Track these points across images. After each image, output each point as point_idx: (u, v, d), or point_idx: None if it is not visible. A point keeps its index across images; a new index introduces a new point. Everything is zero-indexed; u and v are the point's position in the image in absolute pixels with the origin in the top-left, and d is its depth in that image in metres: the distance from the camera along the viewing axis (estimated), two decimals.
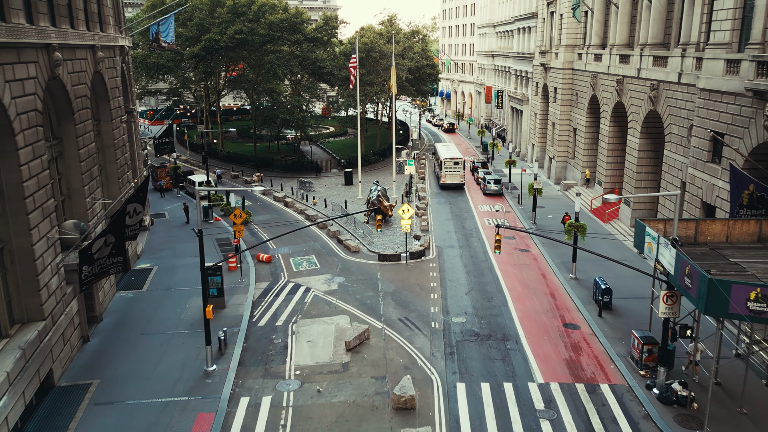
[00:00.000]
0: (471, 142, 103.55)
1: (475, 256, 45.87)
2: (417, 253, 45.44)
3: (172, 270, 44.15)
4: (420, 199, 63.01)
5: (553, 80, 70.49)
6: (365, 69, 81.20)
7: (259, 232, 53.94)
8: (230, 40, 75.64)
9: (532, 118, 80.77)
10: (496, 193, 65.21)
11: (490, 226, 53.92)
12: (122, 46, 46.85)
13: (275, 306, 37.75)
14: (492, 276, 41.84)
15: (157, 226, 56.21)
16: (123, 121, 45.15)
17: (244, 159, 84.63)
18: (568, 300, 37.90)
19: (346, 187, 70.66)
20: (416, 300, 37.77)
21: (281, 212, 60.31)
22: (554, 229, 51.94)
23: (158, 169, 70.64)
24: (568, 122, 67.99)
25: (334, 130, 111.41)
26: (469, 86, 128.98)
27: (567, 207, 59.47)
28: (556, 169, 69.70)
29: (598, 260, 43.42)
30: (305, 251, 47.89)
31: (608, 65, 55.73)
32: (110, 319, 35.79)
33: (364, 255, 46.56)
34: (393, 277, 41.76)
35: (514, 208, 59.96)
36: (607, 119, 56.30)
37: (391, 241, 49.74)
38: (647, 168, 49.53)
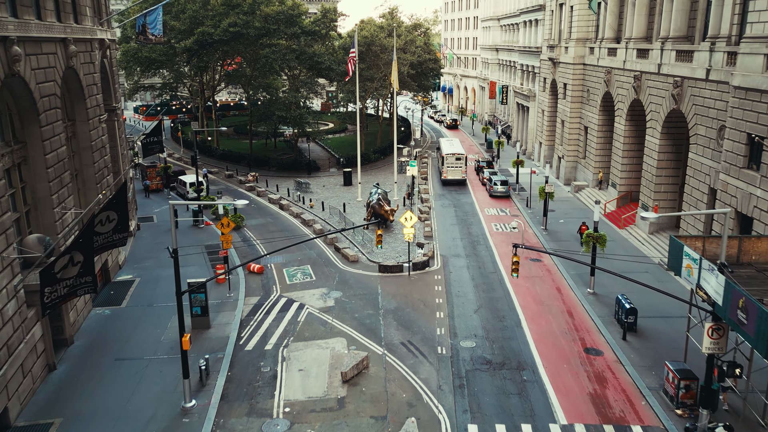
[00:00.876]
0: (475, 139, 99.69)
1: (483, 267, 42.20)
2: (420, 263, 41.76)
3: (155, 282, 40.52)
4: (423, 202, 59.31)
5: (562, 76, 66.64)
6: (365, 64, 77.34)
7: (251, 238, 50.26)
8: (224, 33, 71.79)
9: (539, 115, 76.95)
10: (502, 195, 61.48)
11: (498, 232, 50.22)
12: (102, 40, 43.05)
13: (265, 325, 34.12)
14: (502, 291, 38.18)
15: (144, 231, 52.56)
16: (102, 121, 41.41)
17: (239, 157, 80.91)
18: (587, 319, 34.24)
19: (345, 187, 66.95)
20: (420, 319, 34.11)
21: (276, 216, 56.61)
22: (567, 237, 48.24)
23: (148, 168, 66.95)
24: (579, 120, 64.19)
25: (334, 127, 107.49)
26: (472, 81, 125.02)
27: (579, 210, 55.76)
28: (565, 169, 65.94)
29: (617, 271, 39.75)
30: (300, 260, 44.24)
31: (624, 60, 51.89)
32: (82, 341, 32.18)
33: (363, 265, 42.91)
34: (395, 291, 38.10)
35: (523, 211, 56.24)
36: (622, 118, 52.51)
37: (392, 249, 46.08)
38: (668, 171, 45.80)
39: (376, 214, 50.84)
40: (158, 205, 61.45)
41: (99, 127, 40.59)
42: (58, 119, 32.31)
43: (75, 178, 38.31)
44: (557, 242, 47.03)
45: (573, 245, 45.90)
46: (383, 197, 51.22)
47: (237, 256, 45.56)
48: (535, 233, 49.70)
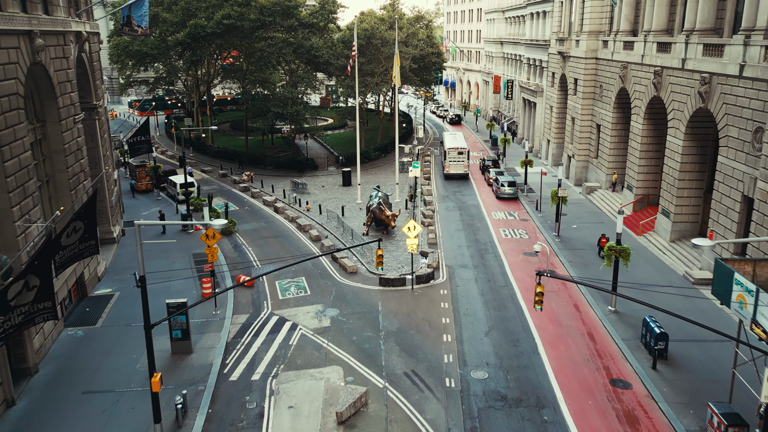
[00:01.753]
0: (479, 135, 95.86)
1: (492, 280, 38.60)
2: (425, 276, 38.17)
3: (136, 297, 36.65)
4: (426, 204, 55.67)
5: (572, 70, 62.86)
6: (365, 57, 73.51)
7: (243, 244, 46.68)
8: (218, 25, 68.03)
9: (547, 112, 73.19)
10: (510, 197, 57.82)
11: (507, 239, 46.61)
12: (78, 32, 39.37)
13: (253, 350, 30.59)
14: (515, 308, 34.59)
15: (128, 237, 48.96)
16: (78, 121, 37.76)
17: (235, 155, 77.22)
18: (610, 343, 30.66)
19: (344, 188, 63.30)
20: (425, 343, 30.55)
21: (270, 220, 53.01)
22: (582, 245, 44.62)
23: (137, 168, 63.32)
24: (591, 118, 60.45)
25: (333, 122, 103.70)
26: (475, 75, 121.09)
27: (592, 214, 52.11)
28: (576, 169, 62.25)
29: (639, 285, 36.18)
30: (294, 271, 40.66)
31: (642, 54, 48.11)
32: (49, 369, 28.68)
33: (362, 277, 39.34)
34: (397, 309, 34.52)
35: (533, 215, 52.59)
36: (640, 116, 48.78)
37: (394, 258, 42.50)
38: (692, 174, 42.12)
39: (377, 220, 47.27)
40: (147, 207, 57.85)
41: (74, 128, 36.95)
42: (20, 121, 28.70)
43: (45, 186, 34.74)
44: (571, 251, 43.42)
45: (590, 255, 42.29)
46: (384, 201, 47.62)
47: (227, 266, 41.99)
48: (547, 240, 46.08)
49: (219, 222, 22.50)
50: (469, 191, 61.91)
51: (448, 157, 66.36)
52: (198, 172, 72.00)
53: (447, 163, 66.50)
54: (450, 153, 66.33)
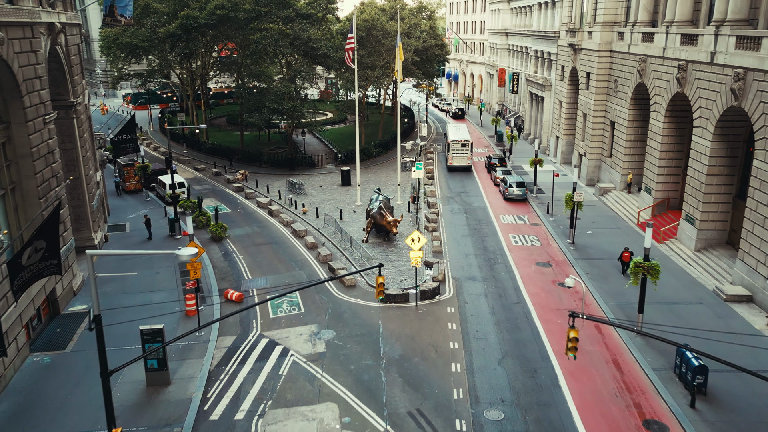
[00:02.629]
0: (483, 130, 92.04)
1: (504, 296, 35.05)
2: (430, 291, 34.63)
3: (114, 315, 33.32)
4: (430, 207, 52.08)
5: (584, 64, 59.06)
6: (365, 50, 69.67)
7: (233, 252, 43.15)
8: (210, 16, 64.40)
9: (556, 107, 69.41)
10: (519, 198, 54.20)
11: (517, 247, 43.03)
12: (51, 24, 35.65)
13: (239, 380, 27.13)
14: (530, 330, 31.06)
15: (112, 243, 45.47)
16: (49, 121, 34.12)
17: (230, 152, 73.56)
18: (639, 374, 27.14)
19: (343, 188, 59.68)
20: (432, 374, 27.04)
21: (264, 224, 49.43)
22: (599, 254, 41.03)
23: (125, 167, 59.73)
24: (604, 114, 56.72)
25: (332, 117, 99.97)
26: (479, 68, 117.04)
27: (607, 218, 48.50)
28: (588, 169, 58.56)
29: (664, 301, 32.69)
30: (287, 285, 37.15)
31: (664, 47, 44.34)
32: (7, 405, 25.28)
33: (361, 292, 35.82)
34: (399, 330, 31.00)
35: (544, 219, 48.98)
36: (660, 114, 45.08)
37: (395, 268, 38.97)
38: (720, 179, 38.46)
39: (377, 226, 43.72)
40: (134, 210, 54.30)
41: (43, 130, 33.30)
42: None
43: (10, 194, 31.15)
44: (588, 260, 39.85)
45: (608, 266, 38.72)
46: (385, 205, 44.03)
47: (214, 278, 38.50)
48: (560, 248, 42.51)
49: (187, 252, 18.90)
50: (475, 191, 58.27)
51: (451, 150, 65.66)
52: (191, 171, 68.45)
53: (450, 156, 65.84)
54: (453, 145, 65.51)
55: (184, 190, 55.62)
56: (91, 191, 43.48)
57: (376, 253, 41.49)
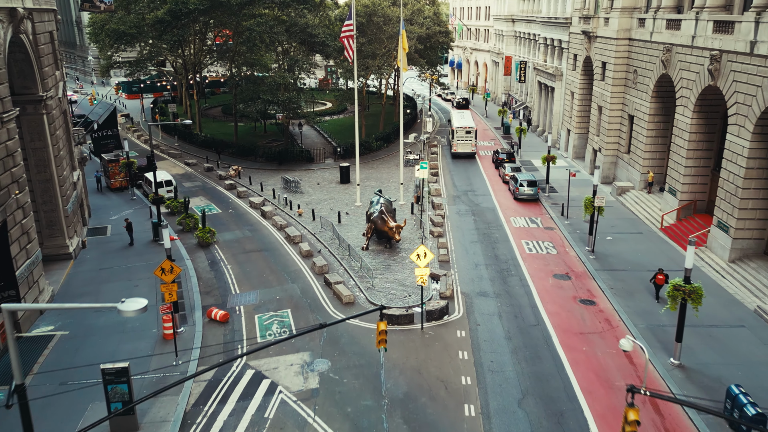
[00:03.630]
0: (488, 122, 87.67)
1: (520, 315, 31.11)
2: (437, 311, 30.69)
3: (84, 338, 29.64)
4: (435, 208, 48.05)
5: (600, 53, 54.71)
6: (366, 38, 65.24)
7: (221, 260, 39.22)
8: (200, 1, 59.91)
9: (568, 98, 65.11)
10: (530, 198, 50.14)
11: (531, 255, 39.05)
12: (12, 9, 31.51)
13: (218, 425, 23.31)
14: (552, 359, 27.13)
15: (90, 249, 41.53)
16: (8, 120, 30.02)
17: (223, 145, 69.39)
18: (682, 418, 23.24)
19: (342, 186, 55.58)
20: (442, 420, 23.13)
21: (256, 227, 45.45)
22: (622, 264, 37.04)
23: (110, 164, 55.65)
24: (621, 107, 52.48)
25: (332, 107, 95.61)
26: (484, 55, 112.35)
27: (627, 221, 44.46)
28: (603, 165, 54.40)
29: (701, 323, 28.75)
30: (278, 301, 33.26)
31: (693, 35, 40.06)
32: None
33: (360, 310, 31.87)
34: (403, 361, 27.10)
35: (558, 223, 44.95)
36: (688, 109, 40.90)
37: (398, 281, 35.03)
38: (759, 182, 34.36)
39: (378, 232, 39.73)
40: (118, 210, 50.31)
41: (0, 130, 29.25)
42: None
43: None
44: (610, 272, 35.88)
45: (633, 280, 34.74)
46: (387, 209, 40.00)
47: (198, 291, 34.58)
48: (579, 257, 38.53)
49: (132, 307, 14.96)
50: (483, 190, 54.18)
51: (456, 137, 65.01)
52: (181, 166, 64.36)
53: (455, 143, 65.19)
54: (458, 132, 64.90)
55: (171, 189, 51.60)
56: (65, 194, 39.49)
57: (376, 263, 37.54)
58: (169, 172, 61.53)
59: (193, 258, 39.79)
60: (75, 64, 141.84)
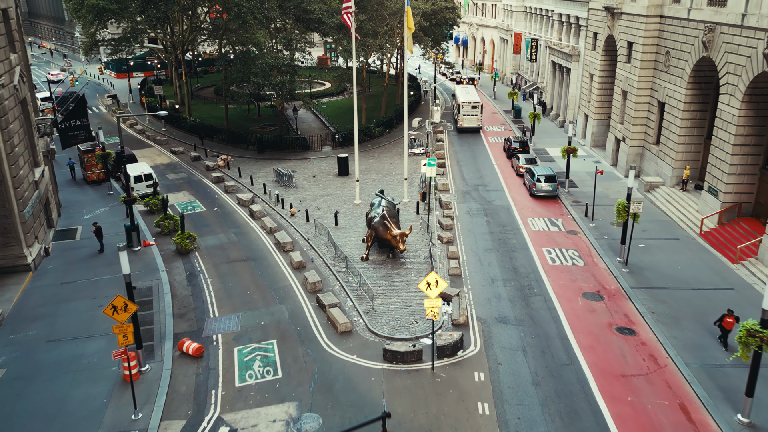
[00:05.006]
0: (497, 104, 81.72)
1: (548, 350, 25.97)
2: (450, 346, 25.56)
3: (28, 379, 24.65)
4: (443, 206, 42.77)
5: (626, 31, 48.85)
6: (366, 15, 59.21)
7: (201, 272, 34.09)
8: None
9: (586, 81, 59.30)
10: (548, 195, 44.80)
11: (555, 267, 33.84)
12: None
13: None
14: (593, 415, 22.02)
15: (54, 257, 36.43)
16: None
17: (213, 131, 63.86)
18: None
19: (340, 179, 50.18)
20: None
21: (243, 230, 40.23)
22: (660, 279, 31.79)
23: (85, 154, 50.24)
24: (650, 92, 46.83)
25: (330, 87, 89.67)
26: (491, 32, 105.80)
27: (660, 224, 39.15)
28: (628, 157, 48.93)
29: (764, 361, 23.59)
30: (263, 328, 28.16)
31: (743, 13, 34.32)
32: None
33: (358, 342, 26.78)
34: (411, 417, 22.01)
35: (582, 225, 39.66)
36: (735, 98, 35.30)
37: (403, 302, 29.88)
38: None
39: (380, 240, 34.48)
40: (92, 207, 45.10)
41: None
42: None
43: None
44: (648, 291, 30.67)
45: (677, 300, 29.52)
46: (389, 213, 34.66)
47: (171, 314, 29.49)
48: (609, 270, 33.31)
49: None
50: (495, 184, 48.77)
51: (461, 111, 64.25)
52: (167, 155, 58.93)
53: (461, 117, 64.51)
54: (464, 107, 64.02)
55: (151, 184, 46.22)
56: (21, 196, 34.19)
57: (377, 278, 32.37)
58: (152, 161, 56.25)
59: (170, 268, 34.67)
60: (64, 41, 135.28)
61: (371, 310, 29.06)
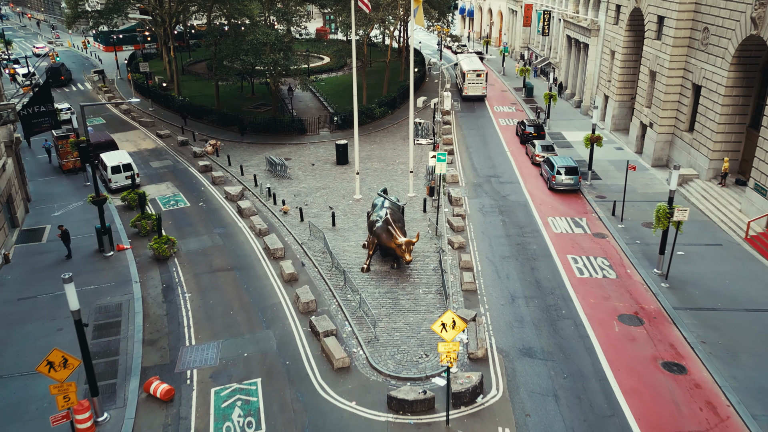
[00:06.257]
0: (507, 80, 76.19)
1: (585, 395, 21.51)
2: (467, 393, 21.12)
3: None
4: (452, 202, 38.10)
5: (656, 4, 43.47)
6: None
7: (179, 285, 29.58)
8: None
9: (606, 58, 53.94)
10: (570, 189, 40.03)
11: (583, 280, 29.27)
12: None
13: None
14: None
15: (15, 265, 31.93)
16: None
17: (203, 111, 58.82)
18: None
19: (339, 169, 45.36)
20: None
21: (230, 230, 35.62)
22: (707, 297, 27.21)
23: (60, 140, 45.46)
24: (683, 74, 41.70)
25: (329, 62, 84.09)
26: (498, 2, 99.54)
27: (699, 226, 34.42)
28: (655, 145, 43.99)
29: None
30: (246, 361, 23.72)
31: None
32: None
33: (358, 383, 22.34)
34: None
35: (609, 225, 34.96)
36: None
37: (410, 327, 25.41)
38: None
39: (383, 248, 29.83)
40: (66, 200, 40.57)
41: None
42: None
43: None
44: (696, 314, 26.13)
45: (735, 330, 24.95)
46: (393, 216, 29.91)
47: (140, 341, 25.08)
48: (646, 283, 28.75)
49: None
50: (509, 174, 43.97)
51: (466, 79, 64.28)
52: (152, 138, 54.04)
53: (466, 86, 64.57)
54: (469, 75, 64.17)
55: (130, 175, 41.51)
56: None
57: (380, 295, 27.86)
58: (136, 146, 51.48)
59: (144, 279, 30.19)
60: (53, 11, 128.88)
61: (373, 339, 24.58)
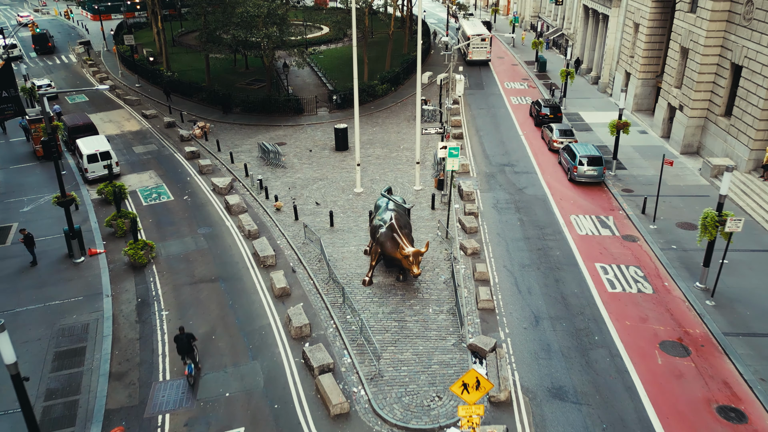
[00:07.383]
0: (517, 53, 71.23)
1: None
2: None
3: None
4: (463, 197, 34.15)
5: None
6: None
7: (155, 299, 25.84)
8: None
9: (629, 31, 49.23)
10: (593, 181, 35.95)
11: (616, 295, 25.46)
12: None
13: None
14: None
15: None
16: None
17: (193, 89, 54.37)
18: None
19: (339, 156, 41.23)
20: None
21: (216, 229, 31.74)
22: (763, 323, 23.39)
23: (32, 124, 41.34)
24: (721, 51, 37.22)
25: (328, 33, 78.98)
26: None
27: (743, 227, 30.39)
28: (686, 130, 39.75)
29: None
30: (228, 404, 20.07)
31: None
32: None
33: (360, 427, 18.77)
34: None
35: (639, 225, 31.02)
36: None
37: (418, 358, 21.74)
38: None
39: (388, 258, 25.93)
40: (38, 191, 36.75)
41: None
42: None
43: None
44: (750, 342, 22.43)
45: None
46: (399, 220, 25.91)
47: (107, 373, 21.43)
48: (689, 302, 24.95)
49: None
50: (524, 162, 39.87)
51: (471, 45, 64.12)
52: (137, 119, 49.82)
53: (470, 50, 64.58)
54: (473, 39, 63.69)
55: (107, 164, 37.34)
56: None
57: (384, 315, 24.11)
58: (119, 128, 47.42)
59: (117, 292, 26.46)
60: None
61: (376, 375, 20.90)
